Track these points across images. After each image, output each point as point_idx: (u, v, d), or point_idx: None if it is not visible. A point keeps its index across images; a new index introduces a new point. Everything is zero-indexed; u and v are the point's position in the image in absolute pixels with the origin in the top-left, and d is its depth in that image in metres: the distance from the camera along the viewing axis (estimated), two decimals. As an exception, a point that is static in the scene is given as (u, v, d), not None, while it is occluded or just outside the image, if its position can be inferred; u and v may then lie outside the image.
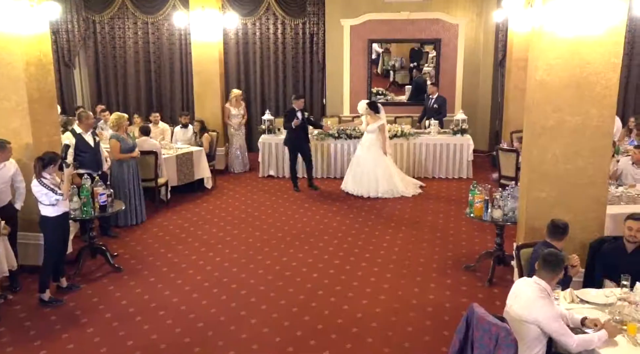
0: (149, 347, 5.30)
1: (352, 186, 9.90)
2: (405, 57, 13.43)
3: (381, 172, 9.80)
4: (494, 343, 3.68)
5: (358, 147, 10.10)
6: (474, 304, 3.95)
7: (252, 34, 12.91)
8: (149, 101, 13.37)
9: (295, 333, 5.53)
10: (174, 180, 9.64)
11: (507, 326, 3.67)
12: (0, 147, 6.19)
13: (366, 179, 9.75)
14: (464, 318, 3.97)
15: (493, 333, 3.69)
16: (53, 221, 6.00)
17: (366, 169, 9.78)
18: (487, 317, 3.77)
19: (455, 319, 5.59)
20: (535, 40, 5.36)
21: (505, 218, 6.41)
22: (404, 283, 6.60)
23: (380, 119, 9.80)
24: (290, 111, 10.15)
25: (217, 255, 7.42)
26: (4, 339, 5.45)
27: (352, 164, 10.07)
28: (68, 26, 13.01)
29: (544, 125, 5.37)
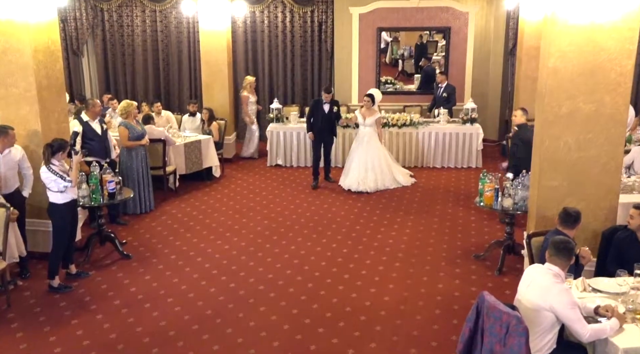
0: (158, 333, 5.31)
1: (357, 183, 9.48)
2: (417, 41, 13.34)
3: (384, 164, 9.67)
4: (504, 331, 3.64)
5: (355, 143, 9.80)
6: (485, 293, 3.92)
7: (260, 22, 12.82)
8: (156, 90, 13.34)
9: (303, 320, 5.52)
10: (182, 168, 9.62)
11: (518, 314, 3.63)
12: (3, 133, 6.19)
13: (372, 174, 9.50)
14: (474, 306, 3.94)
15: (504, 321, 3.66)
16: (62, 208, 6.00)
17: (370, 164, 9.53)
18: (498, 305, 3.74)
19: (465, 308, 5.58)
20: (548, 27, 5.27)
21: (515, 207, 6.36)
22: (412, 271, 6.57)
23: (376, 112, 9.70)
24: (316, 102, 9.93)
25: (226, 243, 7.41)
26: (14, 325, 5.47)
27: (353, 161, 9.62)
28: (76, 14, 12.97)
29: (557, 113, 5.30)
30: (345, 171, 9.77)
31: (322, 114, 9.75)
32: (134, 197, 8.22)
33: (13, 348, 5.11)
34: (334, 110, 9.81)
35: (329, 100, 9.78)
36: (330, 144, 10.01)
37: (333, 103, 9.87)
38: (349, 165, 9.71)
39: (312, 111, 9.89)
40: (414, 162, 11.01)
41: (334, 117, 9.86)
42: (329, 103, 9.78)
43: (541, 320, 3.81)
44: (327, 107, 9.76)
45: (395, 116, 10.90)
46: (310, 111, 9.93)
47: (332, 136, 9.98)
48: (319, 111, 9.75)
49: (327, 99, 9.77)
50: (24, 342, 5.19)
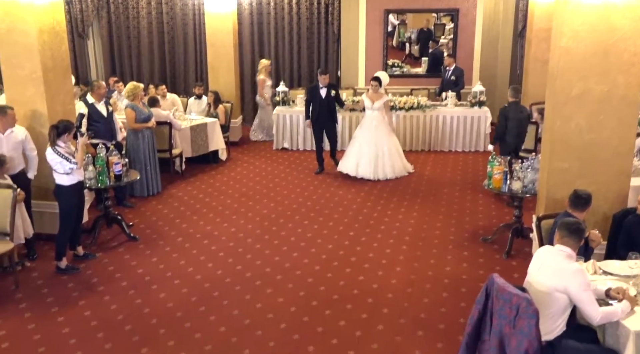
0: (165, 314, 5.31)
1: (363, 169, 9.10)
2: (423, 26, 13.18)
3: (395, 150, 9.29)
4: (514, 314, 3.61)
5: (361, 128, 9.32)
6: (494, 275, 3.88)
7: (267, 4, 12.70)
8: (162, 72, 13.28)
9: (310, 302, 5.50)
10: (188, 151, 9.59)
11: (528, 297, 3.59)
12: (2, 113, 6.18)
13: (380, 162, 9.08)
14: (483, 288, 3.90)
15: (514, 304, 3.62)
16: (68, 190, 5.99)
17: (380, 150, 9.09)
18: (507, 287, 3.70)
19: (473, 291, 5.56)
20: (560, 6, 5.17)
21: (524, 190, 6.30)
22: (419, 254, 6.54)
23: (384, 95, 9.29)
24: (313, 88, 9.47)
25: (232, 226, 7.40)
26: (22, 306, 5.48)
27: (361, 146, 9.14)
28: (81, -4, 12.89)
29: (568, 94, 5.22)
30: (346, 155, 9.36)
31: (319, 100, 9.33)
32: (140, 180, 8.20)
33: (21, 327, 5.12)
34: (331, 94, 9.37)
35: (325, 84, 9.33)
36: (332, 129, 9.60)
37: (330, 87, 9.43)
38: (351, 150, 9.29)
39: (310, 96, 9.49)
40: (421, 145, 10.94)
41: (332, 102, 9.42)
42: (326, 87, 9.34)
43: (553, 302, 3.77)
44: (325, 91, 9.33)
45: (403, 99, 10.81)
46: (308, 97, 9.55)
47: (333, 123, 9.56)
48: (316, 96, 9.33)
49: (324, 83, 9.33)
50: (32, 322, 5.20)
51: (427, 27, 13.05)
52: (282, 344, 4.86)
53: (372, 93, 9.15)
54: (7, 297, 5.64)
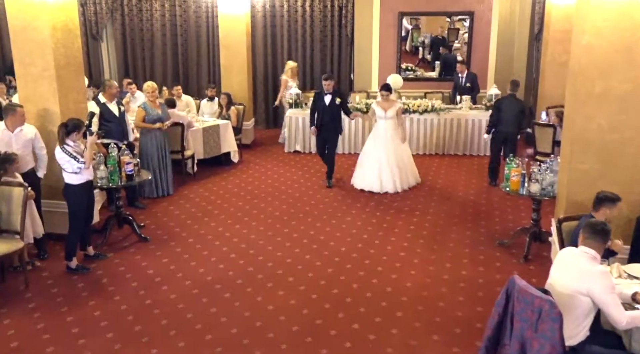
0: (175, 315, 5.21)
1: (379, 182, 8.49)
2: (436, 34, 13.05)
3: (409, 161, 8.79)
4: (536, 316, 3.47)
5: (374, 138, 8.65)
6: (515, 276, 3.75)
7: (280, 6, 12.65)
8: (175, 74, 13.26)
9: (323, 305, 5.39)
10: (200, 153, 9.53)
11: (551, 299, 3.46)
12: (11, 111, 6.15)
13: (397, 173, 8.50)
14: (503, 290, 3.77)
15: (536, 306, 3.48)
16: (76, 189, 5.92)
17: (399, 161, 8.52)
18: (529, 289, 3.56)
19: (490, 295, 5.43)
20: (582, 2, 5.05)
21: (543, 193, 6.15)
22: (434, 258, 6.40)
23: (396, 102, 8.78)
24: (317, 95, 8.85)
25: (244, 227, 7.30)
26: (31, 305, 5.41)
27: (377, 159, 8.50)
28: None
29: (590, 92, 5.08)
30: (361, 169, 8.73)
31: (322, 107, 8.69)
32: (151, 181, 8.17)
33: (30, 327, 5.04)
34: (336, 102, 8.65)
35: (330, 90, 8.62)
36: (333, 142, 8.85)
37: (335, 94, 8.71)
38: (367, 163, 8.61)
39: (315, 103, 8.84)
40: (435, 149, 10.81)
41: (336, 110, 8.71)
42: (331, 94, 8.64)
43: (576, 305, 3.63)
44: (329, 98, 8.64)
45: (417, 102, 10.70)
46: (313, 104, 8.90)
47: (336, 133, 8.84)
48: (320, 103, 8.70)
49: (328, 89, 8.62)
50: (41, 322, 5.12)
51: (442, 35, 12.89)
52: (294, 346, 4.75)
53: (384, 101, 8.60)
54: (17, 296, 5.58)
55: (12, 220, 5.75)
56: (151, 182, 8.27)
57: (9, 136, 6.18)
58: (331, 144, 8.86)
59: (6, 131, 6.18)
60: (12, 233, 5.77)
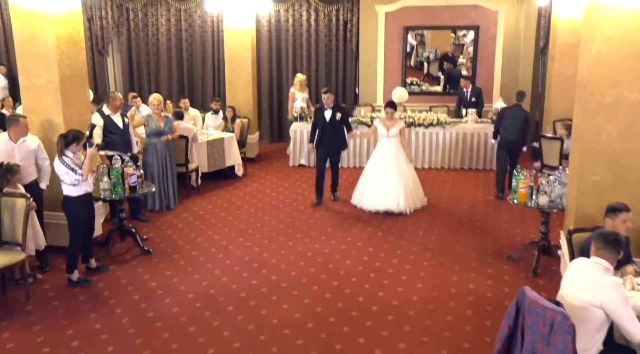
0: (177, 328, 5.11)
1: (383, 202, 8.05)
2: (440, 49, 13.03)
3: (414, 183, 8.32)
4: (548, 329, 3.37)
5: (376, 156, 8.29)
6: (526, 288, 3.65)
7: (285, 21, 12.68)
8: (180, 88, 13.27)
9: (328, 319, 5.28)
10: (204, 166, 9.47)
11: (563, 311, 3.35)
12: (14, 122, 6.11)
13: (402, 192, 8.05)
14: (514, 302, 3.66)
15: (548, 318, 3.38)
16: (75, 201, 5.84)
17: (404, 180, 8.11)
18: (540, 301, 3.46)
19: (498, 309, 5.32)
20: (590, 10, 5.00)
21: (551, 205, 6.05)
22: (441, 271, 6.29)
23: (399, 120, 8.35)
24: (318, 110, 8.57)
25: (248, 240, 7.22)
26: (32, 318, 5.33)
27: (379, 178, 8.11)
28: (102, 13, 12.98)
29: (600, 102, 5.00)
30: (361, 188, 8.35)
31: (323, 123, 8.38)
32: (154, 193, 8.12)
33: (30, 340, 4.95)
34: (337, 117, 8.33)
35: (330, 104, 8.34)
36: (336, 157, 8.60)
37: (336, 109, 8.41)
38: (369, 182, 8.25)
39: (316, 119, 8.55)
40: (441, 163, 10.73)
41: (338, 125, 8.40)
42: (331, 109, 8.35)
43: (589, 318, 3.52)
44: (329, 113, 8.33)
45: (422, 115, 10.64)
46: (314, 119, 8.61)
47: (338, 149, 8.56)
48: (321, 119, 8.40)
49: (328, 103, 8.33)
50: (42, 335, 5.03)
51: (452, 53, 12.84)
52: (298, 361, 4.64)
53: (387, 119, 8.20)
54: (18, 309, 5.50)
55: (14, 232, 5.68)
56: (153, 195, 8.21)
57: (11, 146, 6.14)
58: (334, 161, 8.57)
59: (9, 141, 6.14)
60: (14, 245, 5.70)
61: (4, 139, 6.16)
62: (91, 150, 5.84)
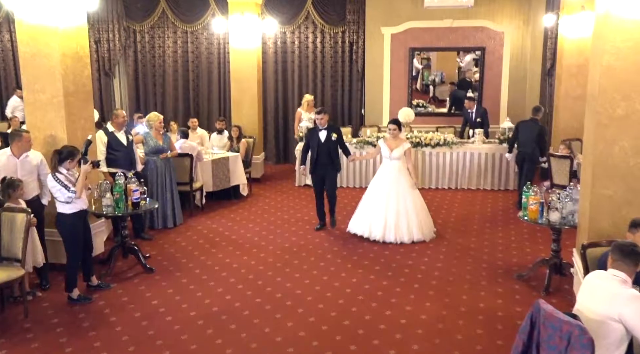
0: (178, 347, 4.96)
1: (382, 230, 7.50)
2: (446, 73, 12.96)
3: (420, 206, 7.70)
4: (565, 343, 3.21)
5: (378, 180, 7.74)
6: (540, 301, 3.49)
7: (291, 42, 12.72)
8: (186, 109, 13.28)
9: (334, 337, 5.12)
10: (209, 185, 9.39)
11: (580, 324, 3.20)
12: (17, 137, 6.07)
13: (404, 221, 7.48)
14: (528, 316, 3.51)
15: (564, 332, 3.22)
16: (69, 219, 5.72)
17: (404, 206, 7.50)
18: (556, 314, 3.31)
19: (510, 328, 5.16)
20: (600, 21, 4.93)
21: (563, 221, 5.91)
22: (450, 290, 6.13)
23: (404, 141, 7.74)
24: (312, 131, 8.19)
25: (252, 259, 7.08)
26: (29, 335, 5.19)
27: (379, 203, 7.56)
28: (109, 36, 13.08)
29: (611, 115, 4.90)
30: (361, 213, 7.80)
31: (318, 144, 7.94)
32: (157, 212, 8.03)
33: (26, 358, 4.82)
34: (332, 138, 7.92)
35: (324, 124, 7.93)
36: (331, 180, 8.09)
37: (331, 129, 8.00)
38: (365, 211, 7.73)
39: (309, 140, 8.13)
40: (448, 183, 10.61)
41: (333, 146, 7.97)
42: (326, 129, 7.94)
43: (607, 333, 3.35)
44: (324, 134, 7.90)
45: (429, 135, 10.56)
46: (306, 141, 8.25)
47: (334, 171, 8.09)
48: (315, 140, 7.98)
49: (322, 124, 7.92)
50: (39, 352, 4.89)
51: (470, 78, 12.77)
52: (303, 380, 4.47)
53: (391, 139, 7.67)
54: (15, 326, 5.36)
55: (14, 247, 5.58)
56: (157, 213, 8.12)
57: (14, 162, 6.07)
58: (330, 183, 8.09)
59: (12, 156, 6.08)
60: (13, 261, 5.59)
61: (6, 154, 6.11)
62: (85, 167, 5.71)
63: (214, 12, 12.47)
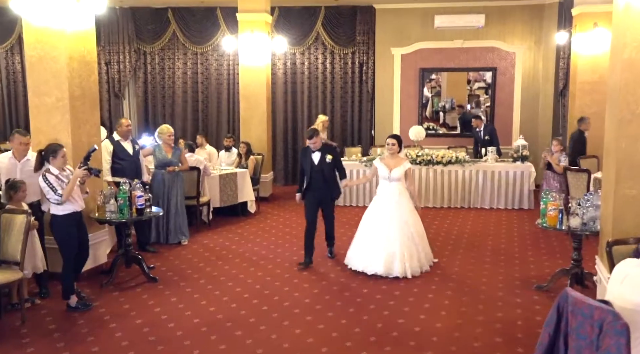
0: (180, 351, 4.70)
1: (379, 262, 6.49)
2: (456, 99, 12.78)
3: (422, 235, 6.83)
4: (597, 331, 2.94)
5: (374, 206, 6.82)
6: (568, 289, 3.24)
7: (301, 63, 12.70)
8: (195, 131, 13.14)
9: (344, 343, 4.85)
10: (216, 201, 9.21)
11: (613, 310, 2.94)
12: (11, 136, 5.97)
13: (399, 254, 6.49)
14: (554, 307, 3.25)
15: (596, 319, 2.96)
16: (61, 220, 5.53)
17: (404, 232, 6.56)
18: (587, 300, 3.06)
19: (531, 336, 4.87)
20: (621, 14, 4.77)
21: (584, 228, 5.65)
22: (466, 300, 5.85)
23: (405, 160, 6.88)
24: (304, 151, 7.21)
25: (259, 270, 6.85)
26: (25, 340, 4.95)
27: (378, 232, 6.61)
28: (120, 57, 13.13)
29: (634, 110, 4.68)
30: (358, 245, 6.81)
31: (311, 167, 7.03)
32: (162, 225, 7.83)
33: (20, 362, 4.57)
34: (326, 160, 6.99)
35: (317, 147, 7.00)
36: (328, 208, 7.16)
37: (326, 150, 7.05)
38: (361, 239, 6.79)
39: (302, 162, 7.22)
40: (460, 202, 10.36)
41: (328, 169, 7.00)
42: (320, 151, 7.01)
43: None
44: (317, 156, 6.99)
45: (441, 153, 10.38)
46: (301, 163, 7.30)
47: (331, 197, 7.17)
48: (308, 162, 7.07)
49: (315, 146, 7.00)
50: (33, 357, 4.66)
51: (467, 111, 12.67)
52: (311, 385, 4.19)
53: (389, 157, 6.82)
54: (12, 332, 5.13)
55: (12, 250, 5.39)
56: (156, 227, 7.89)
57: (14, 164, 5.94)
58: (327, 211, 7.18)
59: (13, 159, 5.95)
60: (11, 264, 5.39)
61: (8, 156, 5.99)
62: (78, 171, 5.53)
63: (224, 32, 12.50)
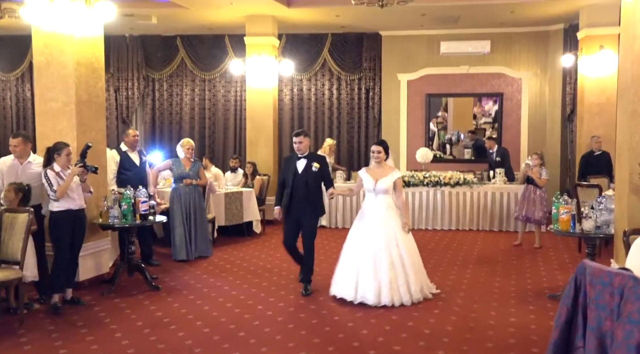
0: (181, 350, 4.54)
1: (364, 289, 5.55)
2: (463, 129, 12.69)
3: (416, 257, 5.83)
4: (617, 299, 2.80)
5: (359, 224, 5.80)
6: (585, 260, 3.11)
7: (307, 89, 12.78)
8: (202, 154, 13.15)
9: (351, 343, 4.67)
10: (221, 219, 9.09)
11: (634, 275, 2.81)
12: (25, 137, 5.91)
13: (388, 281, 5.53)
14: (571, 280, 3.12)
15: (616, 286, 2.82)
16: (56, 217, 5.53)
17: (391, 255, 5.56)
18: (605, 268, 2.92)
19: (545, 339, 4.60)
20: (629, 9, 4.77)
21: (598, 231, 5.50)
22: (477, 307, 5.66)
23: (393, 169, 5.95)
24: (288, 160, 6.24)
25: (264, 281, 6.70)
26: (23, 339, 4.81)
27: (357, 256, 5.65)
28: (128, 84, 13.26)
29: (646, 103, 4.64)
30: (343, 270, 5.79)
31: (294, 176, 5.98)
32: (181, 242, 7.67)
33: (16, 358, 4.41)
34: (312, 168, 5.96)
35: (304, 151, 6.02)
36: (309, 227, 6.05)
37: (312, 158, 6.06)
38: (346, 263, 5.77)
39: (284, 171, 6.19)
40: (469, 224, 10.18)
41: (313, 181, 5.97)
42: (306, 158, 6.02)
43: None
44: (302, 164, 5.98)
45: (448, 174, 10.27)
46: (282, 173, 6.29)
47: (313, 214, 6.11)
48: (291, 170, 6.03)
49: (300, 149, 6.00)
50: (30, 353, 4.50)
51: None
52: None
53: (375, 167, 5.88)
54: (9, 332, 4.97)
55: (13, 249, 5.28)
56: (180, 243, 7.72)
57: (17, 167, 5.87)
58: (307, 231, 6.02)
59: (15, 161, 5.89)
60: (11, 264, 5.28)
61: (10, 158, 5.94)
62: (74, 169, 5.53)
63: (231, 58, 12.62)
